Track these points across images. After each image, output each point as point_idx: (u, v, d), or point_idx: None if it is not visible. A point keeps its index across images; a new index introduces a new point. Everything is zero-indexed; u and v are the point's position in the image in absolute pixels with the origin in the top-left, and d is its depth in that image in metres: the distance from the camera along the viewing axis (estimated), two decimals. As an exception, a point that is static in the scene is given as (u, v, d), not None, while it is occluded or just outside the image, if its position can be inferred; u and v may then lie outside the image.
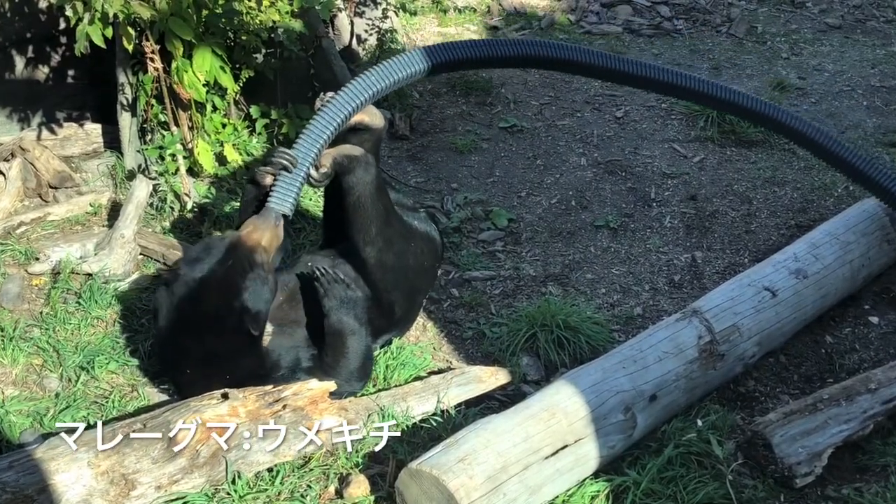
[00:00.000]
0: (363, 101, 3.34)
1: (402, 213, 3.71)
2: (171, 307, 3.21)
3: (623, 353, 3.32)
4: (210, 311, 3.17)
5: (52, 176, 4.76)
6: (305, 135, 3.26)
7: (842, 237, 3.97)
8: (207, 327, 3.18)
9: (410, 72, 3.40)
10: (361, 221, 3.46)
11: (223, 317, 3.16)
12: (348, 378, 3.38)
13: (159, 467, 2.92)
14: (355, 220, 3.47)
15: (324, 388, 3.25)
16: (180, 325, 3.21)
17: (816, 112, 5.97)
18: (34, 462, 2.82)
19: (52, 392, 3.53)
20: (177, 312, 3.20)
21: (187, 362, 3.24)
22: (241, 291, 3.14)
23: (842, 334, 3.96)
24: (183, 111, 4.55)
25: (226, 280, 3.15)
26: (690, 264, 4.47)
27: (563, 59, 3.66)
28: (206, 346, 3.19)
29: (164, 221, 4.59)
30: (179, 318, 3.20)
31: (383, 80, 3.34)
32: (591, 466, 3.07)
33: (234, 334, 3.18)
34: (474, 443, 2.86)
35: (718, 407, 3.46)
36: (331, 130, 3.28)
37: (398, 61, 3.38)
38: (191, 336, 3.21)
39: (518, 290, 4.29)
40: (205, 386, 3.16)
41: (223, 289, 3.15)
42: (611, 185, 5.17)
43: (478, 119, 5.92)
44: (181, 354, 3.25)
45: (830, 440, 3.18)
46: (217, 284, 3.16)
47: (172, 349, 3.28)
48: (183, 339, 3.22)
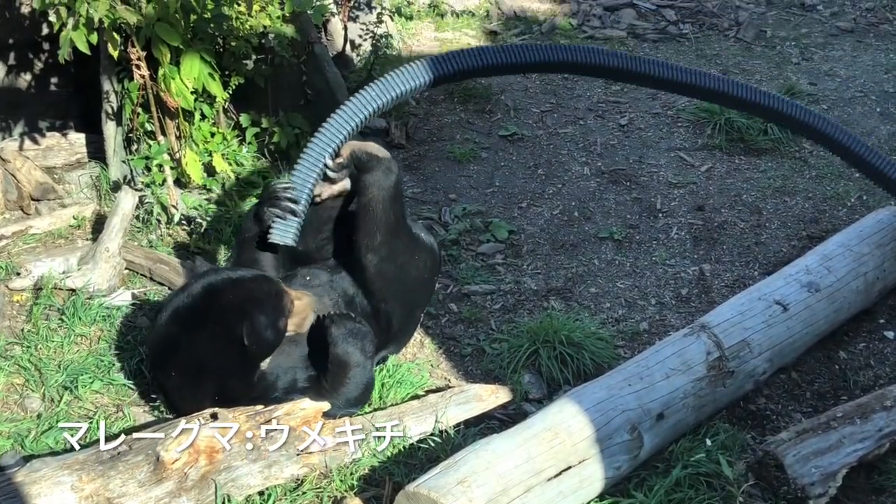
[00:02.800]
0: (364, 118, 3.28)
1: (410, 225, 3.62)
2: (184, 306, 3.17)
3: (629, 370, 3.25)
4: (220, 327, 3.13)
5: (34, 188, 4.69)
6: (304, 158, 3.26)
7: (855, 249, 3.90)
8: (212, 338, 3.13)
9: (412, 86, 3.34)
10: (369, 226, 3.35)
11: (230, 335, 3.11)
12: (345, 405, 3.29)
13: (146, 490, 2.83)
14: (363, 223, 3.36)
15: (317, 409, 3.16)
16: (186, 326, 3.17)
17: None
18: (16, 486, 2.74)
19: (34, 412, 3.44)
20: (188, 314, 3.16)
21: (178, 367, 3.16)
22: (259, 322, 3.12)
23: (856, 350, 3.89)
24: (170, 120, 4.49)
25: (250, 306, 3.13)
26: (698, 277, 4.39)
27: (595, 64, 3.58)
28: (201, 356, 3.13)
29: (151, 234, 4.52)
30: (187, 321, 3.17)
31: (384, 94, 3.29)
32: (596, 488, 2.99)
33: (234, 354, 3.12)
34: (474, 464, 2.78)
35: (728, 426, 3.38)
36: (330, 152, 3.26)
37: (399, 75, 3.32)
38: (190, 342, 3.15)
39: (519, 304, 4.22)
40: (193, 399, 3.11)
41: (243, 312, 3.11)
42: (615, 196, 5.11)
43: (477, 127, 5.87)
44: (174, 358, 3.18)
45: (845, 460, 3.10)
46: (240, 306, 3.13)
47: (167, 350, 3.21)
48: (182, 342, 3.16)
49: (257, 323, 3.11)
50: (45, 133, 4.99)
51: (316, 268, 3.58)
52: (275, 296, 3.20)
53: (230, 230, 4.43)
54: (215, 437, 2.97)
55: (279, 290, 3.23)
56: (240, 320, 3.10)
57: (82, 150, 4.98)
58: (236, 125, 4.98)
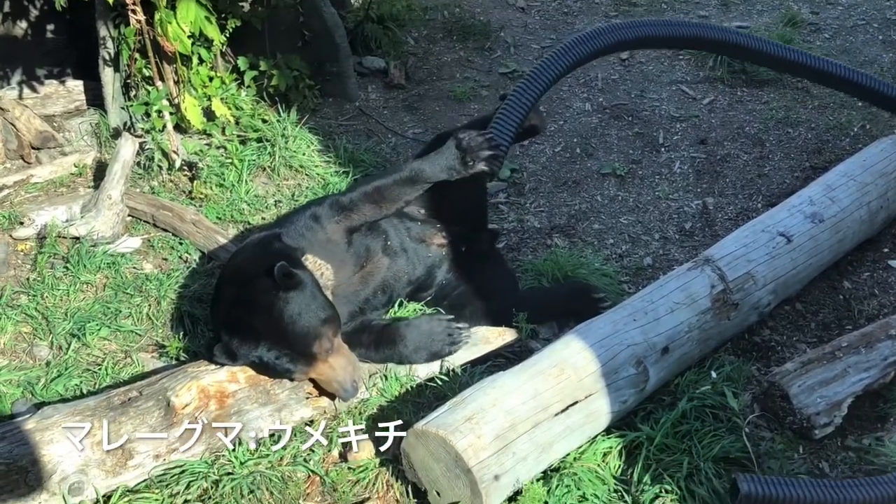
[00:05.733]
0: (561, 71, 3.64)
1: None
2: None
3: (633, 306, 3.25)
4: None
5: (33, 136, 4.66)
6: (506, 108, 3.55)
7: (859, 178, 3.87)
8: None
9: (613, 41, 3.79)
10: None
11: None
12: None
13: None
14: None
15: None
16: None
17: (830, 48, 5.83)
18: (27, 433, 2.77)
19: (42, 360, 3.46)
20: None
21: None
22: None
23: (860, 279, 3.88)
24: (168, 65, 4.42)
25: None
26: (701, 211, 4.37)
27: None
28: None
29: (153, 181, 4.49)
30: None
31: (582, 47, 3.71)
32: (602, 422, 3.00)
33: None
34: (482, 401, 2.79)
35: (733, 358, 3.39)
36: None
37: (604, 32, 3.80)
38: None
39: (523, 243, 4.21)
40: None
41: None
42: (617, 131, 5.07)
43: (476, 65, 5.81)
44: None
45: (850, 389, 3.12)
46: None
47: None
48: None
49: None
50: (43, 81, 4.94)
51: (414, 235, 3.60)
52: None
53: (232, 175, 4.40)
54: (225, 381, 3.01)
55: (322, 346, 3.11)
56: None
57: (81, 98, 4.93)
58: (234, 69, 4.92)
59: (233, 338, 2.99)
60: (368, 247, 3.39)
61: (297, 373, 3.02)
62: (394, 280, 3.45)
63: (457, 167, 3.36)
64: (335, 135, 4.93)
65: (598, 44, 3.75)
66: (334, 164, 4.61)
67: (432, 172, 3.38)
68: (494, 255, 3.86)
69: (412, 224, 3.57)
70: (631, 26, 3.88)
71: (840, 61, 4.47)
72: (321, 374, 3.03)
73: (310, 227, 3.30)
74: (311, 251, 3.26)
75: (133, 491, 2.82)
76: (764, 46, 4.19)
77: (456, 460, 2.66)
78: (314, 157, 4.64)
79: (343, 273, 3.31)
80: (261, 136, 4.63)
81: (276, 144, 4.56)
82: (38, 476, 2.71)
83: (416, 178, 3.39)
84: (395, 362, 3.26)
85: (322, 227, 3.31)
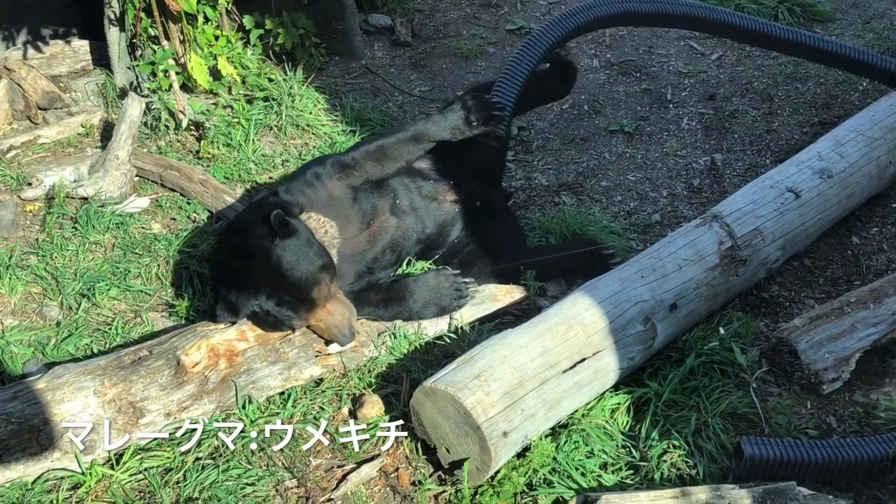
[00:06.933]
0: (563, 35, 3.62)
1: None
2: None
3: (641, 262, 3.24)
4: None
5: (40, 97, 4.63)
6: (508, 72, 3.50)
7: (867, 133, 3.85)
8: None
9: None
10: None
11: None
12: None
13: (168, 394, 2.89)
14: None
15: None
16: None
17: (840, 3, 5.76)
18: (38, 392, 2.79)
19: (52, 321, 3.47)
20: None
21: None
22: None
23: (869, 234, 3.87)
24: (173, 24, 4.39)
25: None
26: (710, 167, 4.35)
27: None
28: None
29: (160, 140, 4.47)
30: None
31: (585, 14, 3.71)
32: (610, 379, 3.01)
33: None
34: (490, 358, 2.80)
35: (741, 314, 3.39)
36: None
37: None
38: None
39: (530, 200, 4.19)
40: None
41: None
42: (625, 87, 5.04)
43: (483, 22, 5.76)
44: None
45: (858, 344, 3.12)
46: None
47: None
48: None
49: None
50: (49, 41, 4.91)
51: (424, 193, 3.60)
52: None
53: (239, 134, 4.39)
54: (234, 340, 3.02)
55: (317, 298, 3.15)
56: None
57: (87, 58, 4.90)
58: (240, 27, 4.88)
59: (232, 290, 3.02)
60: (375, 205, 3.39)
61: (298, 319, 3.04)
62: (402, 239, 3.46)
63: (460, 127, 3.38)
64: (341, 93, 4.90)
65: (609, 11, 3.70)
66: (341, 122, 4.59)
67: (436, 131, 3.39)
68: (506, 213, 3.86)
69: (424, 182, 3.57)
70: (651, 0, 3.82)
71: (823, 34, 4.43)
72: (320, 319, 3.06)
73: (311, 184, 3.31)
74: (313, 209, 3.27)
75: (144, 449, 2.85)
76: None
77: (465, 417, 2.66)
78: (321, 115, 4.62)
79: (349, 230, 3.32)
80: (267, 96, 4.61)
81: (282, 103, 4.54)
82: (49, 435, 2.73)
83: (420, 136, 3.40)
84: (405, 319, 3.28)
85: (323, 184, 3.32)
